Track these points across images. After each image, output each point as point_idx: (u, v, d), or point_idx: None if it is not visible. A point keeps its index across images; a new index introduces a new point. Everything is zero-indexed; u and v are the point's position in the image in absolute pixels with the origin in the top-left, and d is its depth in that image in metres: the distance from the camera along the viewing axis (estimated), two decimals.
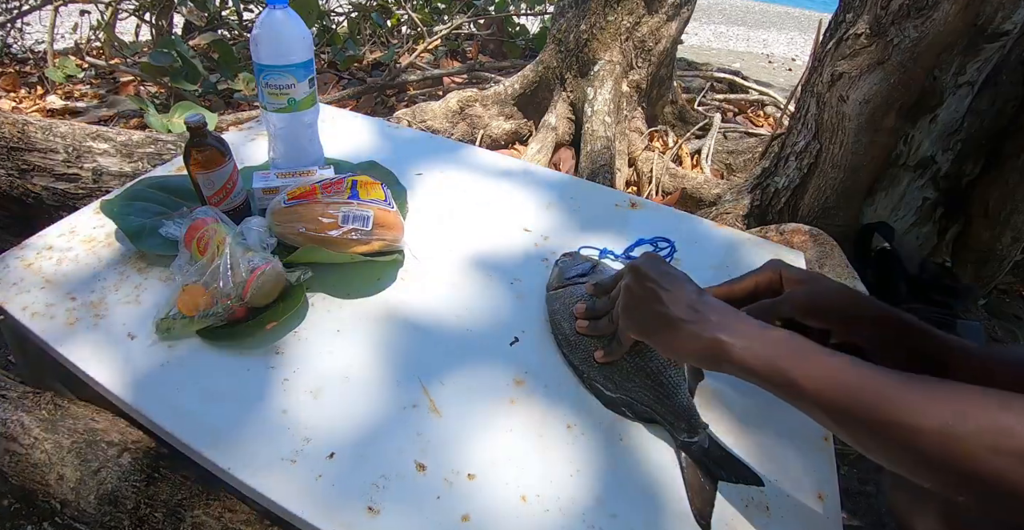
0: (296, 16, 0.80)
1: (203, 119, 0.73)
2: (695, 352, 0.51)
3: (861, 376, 0.42)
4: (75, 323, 0.68)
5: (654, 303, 0.54)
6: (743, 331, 0.49)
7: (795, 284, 0.59)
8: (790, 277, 0.59)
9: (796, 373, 0.45)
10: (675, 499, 0.56)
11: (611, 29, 1.99)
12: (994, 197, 1.39)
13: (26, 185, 1.24)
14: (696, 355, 0.51)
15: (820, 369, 0.44)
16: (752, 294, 0.61)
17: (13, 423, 0.68)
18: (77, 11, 2.73)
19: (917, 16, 1.17)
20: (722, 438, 0.62)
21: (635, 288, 0.57)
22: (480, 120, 2.06)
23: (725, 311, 0.52)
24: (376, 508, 0.53)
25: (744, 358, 0.47)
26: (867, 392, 0.41)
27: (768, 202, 1.56)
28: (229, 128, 1.80)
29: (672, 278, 0.56)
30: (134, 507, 0.63)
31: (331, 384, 0.63)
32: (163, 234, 0.72)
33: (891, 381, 0.41)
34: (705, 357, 0.50)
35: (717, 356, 0.49)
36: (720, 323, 0.50)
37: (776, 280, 0.60)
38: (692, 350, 0.51)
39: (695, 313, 0.52)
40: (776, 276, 0.60)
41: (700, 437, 0.59)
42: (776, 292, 0.60)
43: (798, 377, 0.44)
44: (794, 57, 4.98)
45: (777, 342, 0.47)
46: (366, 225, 0.73)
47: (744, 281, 0.62)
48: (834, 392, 0.43)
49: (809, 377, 0.44)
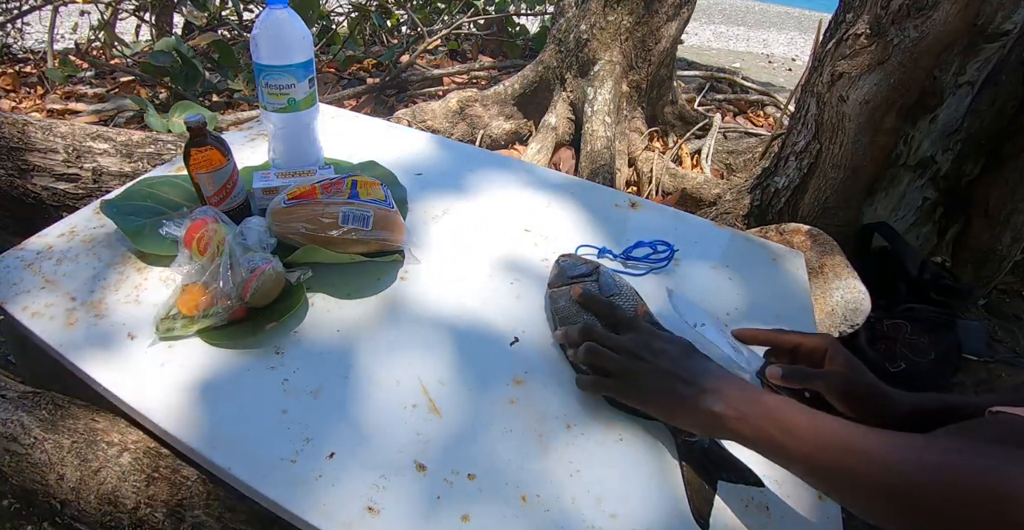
0: (296, 16, 0.80)
1: (203, 119, 0.73)
2: (693, 424, 0.53)
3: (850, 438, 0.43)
4: (75, 323, 0.68)
5: (651, 379, 0.55)
6: (737, 400, 0.50)
7: (837, 365, 0.59)
8: (834, 356, 0.59)
9: (787, 441, 0.46)
10: (675, 499, 0.56)
11: (611, 29, 1.99)
12: (994, 197, 1.39)
13: (26, 185, 1.24)
14: (694, 426, 0.53)
15: (810, 433, 0.45)
16: (791, 352, 0.62)
17: (13, 423, 0.68)
18: (77, 11, 2.74)
19: (917, 16, 1.17)
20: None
21: (630, 365, 0.57)
22: (480, 120, 2.06)
23: (718, 377, 0.53)
24: (376, 508, 0.53)
25: (738, 430, 0.49)
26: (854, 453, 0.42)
27: (768, 202, 1.56)
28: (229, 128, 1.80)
29: (668, 354, 0.56)
30: (134, 507, 0.63)
31: (331, 384, 0.63)
32: (163, 234, 0.72)
33: (879, 440, 0.42)
34: (703, 427, 0.53)
35: (713, 427, 0.51)
36: (715, 393, 0.51)
37: (820, 351, 0.60)
38: (690, 423, 0.53)
39: (690, 387, 0.53)
40: (822, 349, 0.60)
41: (700, 437, 0.59)
42: (814, 362, 0.60)
43: (787, 443, 0.46)
44: (794, 57, 4.98)
45: (770, 410, 0.48)
46: (366, 225, 0.73)
47: (789, 336, 0.62)
48: (824, 454, 0.44)
49: (799, 439, 0.45)
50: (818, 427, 0.45)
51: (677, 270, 0.84)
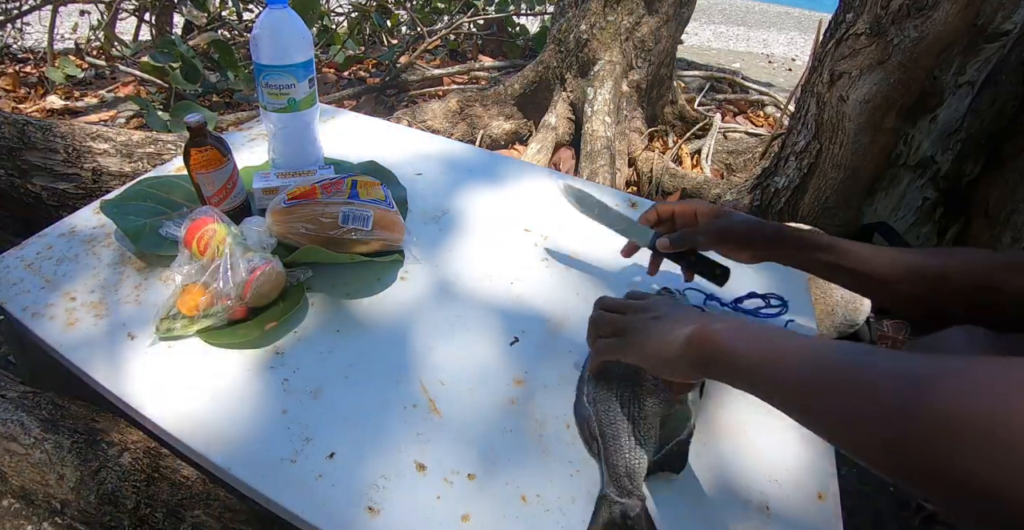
0: (296, 16, 0.80)
1: (203, 119, 0.73)
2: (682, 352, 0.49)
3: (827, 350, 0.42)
4: (75, 323, 0.68)
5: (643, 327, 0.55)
6: (714, 318, 0.50)
7: (710, 217, 0.68)
8: (704, 211, 0.69)
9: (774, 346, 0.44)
10: (675, 498, 0.56)
11: (611, 29, 1.99)
12: (994, 197, 1.39)
13: (26, 185, 1.24)
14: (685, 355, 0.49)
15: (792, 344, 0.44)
16: (670, 220, 0.72)
17: (13, 423, 0.69)
18: (77, 11, 2.74)
19: (917, 16, 1.17)
20: (721, 438, 0.62)
21: (626, 321, 0.57)
22: (480, 120, 2.06)
23: (691, 309, 0.56)
24: (376, 508, 0.53)
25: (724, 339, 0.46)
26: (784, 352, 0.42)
27: (768, 202, 1.56)
28: (229, 128, 1.80)
29: (660, 307, 0.57)
30: (134, 507, 0.63)
31: (331, 384, 0.63)
32: (163, 234, 0.72)
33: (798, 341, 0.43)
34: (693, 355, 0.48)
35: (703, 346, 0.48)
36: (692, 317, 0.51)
37: (690, 213, 0.70)
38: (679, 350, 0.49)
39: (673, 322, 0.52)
40: (691, 211, 0.70)
41: (628, 502, 0.54)
42: (690, 223, 0.70)
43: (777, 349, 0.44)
44: (794, 57, 4.98)
45: (743, 322, 0.48)
46: (366, 225, 0.73)
47: (665, 206, 0.72)
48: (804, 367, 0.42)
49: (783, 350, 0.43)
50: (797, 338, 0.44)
51: (677, 269, 0.84)
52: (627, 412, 0.59)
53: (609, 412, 0.60)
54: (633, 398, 0.60)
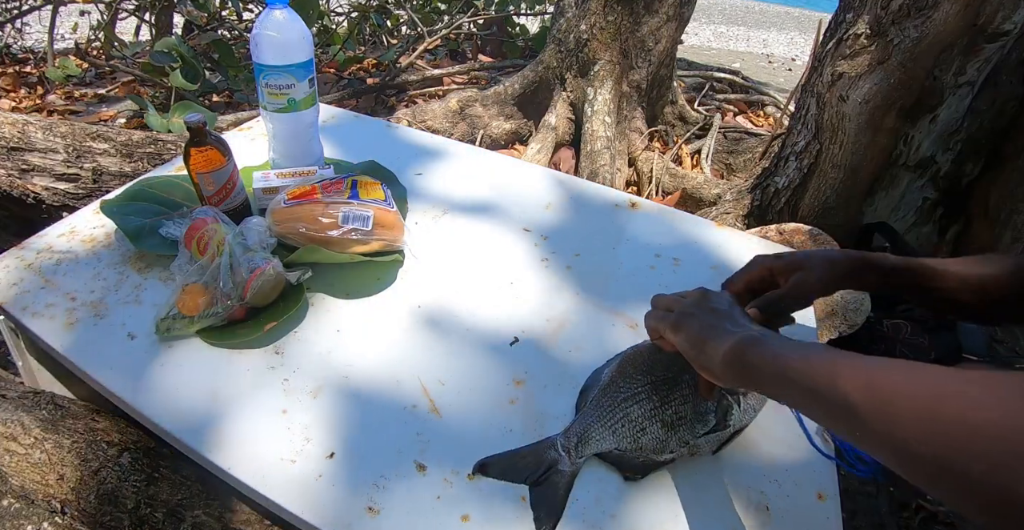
0: (296, 16, 0.80)
1: (203, 119, 0.73)
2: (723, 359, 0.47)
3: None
4: (75, 323, 0.68)
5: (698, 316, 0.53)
6: (757, 328, 0.49)
7: (791, 273, 0.58)
8: (781, 268, 0.59)
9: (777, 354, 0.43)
10: (675, 498, 0.56)
11: (611, 29, 1.99)
12: (994, 197, 1.39)
13: (26, 185, 1.24)
14: (725, 361, 0.47)
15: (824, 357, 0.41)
16: (749, 292, 0.60)
17: (13, 423, 0.68)
18: (77, 11, 2.74)
19: (917, 16, 1.17)
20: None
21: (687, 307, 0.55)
22: (480, 120, 2.06)
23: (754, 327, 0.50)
24: (376, 508, 0.53)
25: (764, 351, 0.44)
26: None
27: (768, 202, 1.56)
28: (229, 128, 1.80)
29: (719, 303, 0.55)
30: (134, 507, 0.63)
31: (331, 384, 0.63)
32: (163, 234, 0.72)
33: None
34: (731, 362, 0.47)
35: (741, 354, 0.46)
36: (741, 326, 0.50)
37: (767, 274, 0.60)
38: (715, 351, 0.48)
39: (726, 322, 0.51)
40: (767, 271, 0.60)
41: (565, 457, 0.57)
42: (770, 286, 0.59)
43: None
44: (794, 57, 4.98)
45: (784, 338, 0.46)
46: (366, 225, 0.73)
47: (737, 282, 0.61)
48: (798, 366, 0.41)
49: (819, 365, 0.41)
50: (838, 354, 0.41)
51: (678, 270, 0.84)
52: (647, 399, 0.58)
53: (627, 387, 0.59)
54: (660, 394, 0.58)
